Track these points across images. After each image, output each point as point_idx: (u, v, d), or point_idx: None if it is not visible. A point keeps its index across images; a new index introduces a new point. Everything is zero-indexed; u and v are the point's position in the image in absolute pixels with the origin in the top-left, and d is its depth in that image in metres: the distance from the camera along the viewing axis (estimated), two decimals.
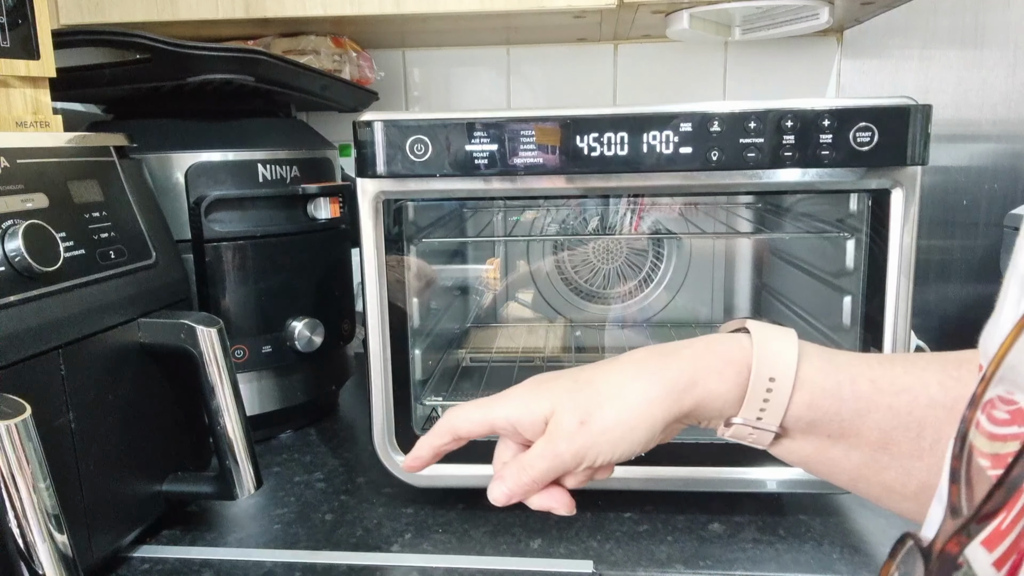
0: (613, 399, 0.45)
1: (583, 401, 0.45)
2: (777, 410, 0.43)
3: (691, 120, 0.62)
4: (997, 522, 0.24)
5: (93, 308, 0.59)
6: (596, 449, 0.44)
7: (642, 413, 0.44)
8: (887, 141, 0.61)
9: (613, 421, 0.44)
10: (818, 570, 0.62)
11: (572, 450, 0.45)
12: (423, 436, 0.51)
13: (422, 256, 0.84)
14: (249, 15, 0.94)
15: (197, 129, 0.84)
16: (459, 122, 0.64)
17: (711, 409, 0.45)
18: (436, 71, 1.24)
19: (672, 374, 0.45)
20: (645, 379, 0.45)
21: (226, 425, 0.65)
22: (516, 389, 0.49)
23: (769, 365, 0.43)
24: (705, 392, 0.44)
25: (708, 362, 0.45)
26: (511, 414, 0.47)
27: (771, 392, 0.43)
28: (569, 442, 0.44)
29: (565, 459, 0.45)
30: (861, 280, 0.67)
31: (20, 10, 0.62)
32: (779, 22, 1.00)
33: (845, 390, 0.43)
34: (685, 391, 0.44)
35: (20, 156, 0.57)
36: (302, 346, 0.87)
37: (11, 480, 0.46)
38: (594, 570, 0.63)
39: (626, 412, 0.44)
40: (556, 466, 0.45)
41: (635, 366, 0.46)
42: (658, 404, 0.44)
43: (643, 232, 1.02)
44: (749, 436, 0.45)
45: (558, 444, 0.45)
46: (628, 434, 0.44)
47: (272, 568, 0.64)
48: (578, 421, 0.45)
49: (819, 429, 0.44)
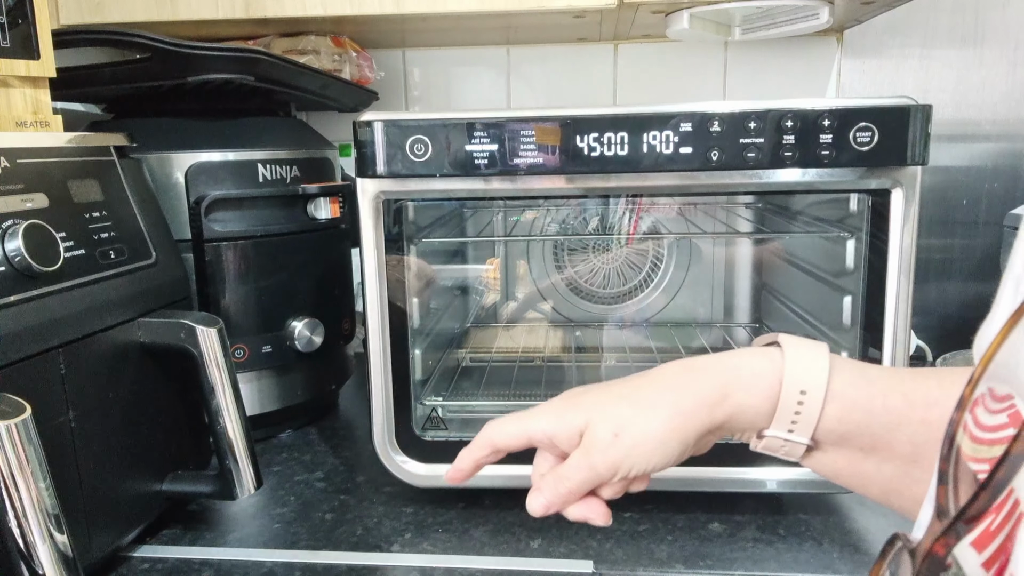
0: (646, 412, 0.46)
1: (616, 414, 0.46)
2: (808, 423, 0.44)
3: (691, 120, 0.62)
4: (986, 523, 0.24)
5: (93, 308, 0.59)
6: (630, 461, 0.45)
7: (674, 426, 0.45)
8: (887, 141, 0.61)
9: (645, 434, 0.45)
10: (818, 570, 0.62)
11: (607, 462, 0.46)
12: (464, 449, 0.52)
13: (422, 256, 0.84)
14: (249, 15, 0.94)
15: (197, 129, 0.84)
16: (459, 122, 0.64)
17: (743, 422, 0.46)
18: (436, 71, 1.24)
19: (704, 388, 0.46)
20: (677, 392, 0.46)
21: (226, 425, 0.65)
22: (552, 403, 0.50)
23: (800, 378, 0.44)
24: (736, 405, 0.45)
25: (739, 376, 0.45)
26: (547, 427, 0.48)
27: (802, 405, 0.44)
28: (603, 455, 0.45)
29: (600, 471, 0.46)
30: (861, 280, 0.67)
31: (20, 10, 0.62)
32: (779, 22, 1.00)
33: (877, 403, 0.43)
34: (716, 404, 0.45)
35: (20, 156, 0.57)
36: (302, 346, 0.87)
37: (11, 480, 0.46)
38: (594, 570, 0.63)
39: (658, 425, 0.45)
40: (591, 478, 0.46)
41: (667, 380, 0.47)
42: (690, 417, 0.45)
43: (642, 232, 1.02)
44: (781, 448, 0.45)
45: (593, 456, 0.46)
46: (660, 447, 0.45)
47: (272, 568, 0.64)
48: (612, 434, 0.46)
49: (850, 442, 0.44)
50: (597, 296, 1.09)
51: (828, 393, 0.43)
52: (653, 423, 0.45)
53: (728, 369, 0.46)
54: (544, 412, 0.49)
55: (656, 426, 0.45)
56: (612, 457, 0.45)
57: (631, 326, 1.08)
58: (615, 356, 1.01)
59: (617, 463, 0.46)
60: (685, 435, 0.45)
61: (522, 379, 0.93)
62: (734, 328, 1.08)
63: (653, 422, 0.45)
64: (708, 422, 0.45)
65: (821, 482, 0.69)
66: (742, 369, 0.46)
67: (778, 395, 0.44)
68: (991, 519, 0.24)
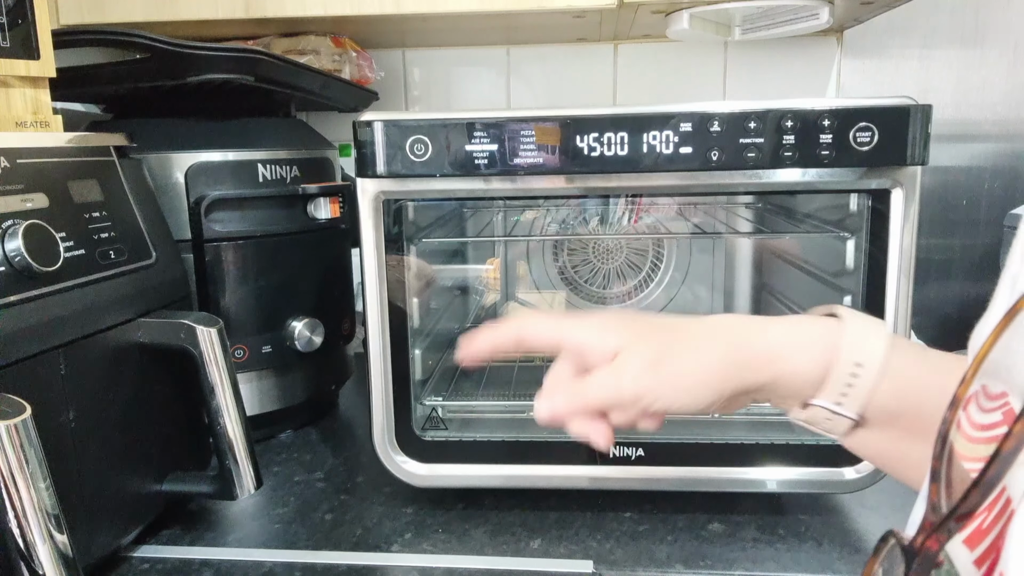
0: (690, 351, 0.44)
1: (658, 344, 0.45)
2: (859, 397, 0.42)
3: (691, 120, 0.62)
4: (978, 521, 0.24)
5: (93, 308, 0.59)
6: (658, 392, 0.44)
7: (714, 373, 0.43)
8: (887, 141, 0.61)
9: (683, 371, 0.44)
10: (818, 570, 0.62)
11: (635, 388, 0.44)
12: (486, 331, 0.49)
13: (422, 256, 0.84)
14: (249, 15, 0.94)
15: (197, 129, 0.84)
16: (459, 122, 0.64)
17: (789, 387, 0.44)
18: (436, 71, 1.24)
19: (756, 344, 0.44)
20: (727, 342, 0.44)
21: (226, 425, 0.65)
22: (593, 316, 0.48)
23: (857, 349, 0.42)
24: (786, 368, 0.43)
25: (795, 338, 0.44)
26: (583, 338, 0.46)
27: (856, 378, 0.42)
28: (635, 379, 0.44)
29: (625, 394, 0.44)
30: (861, 280, 0.67)
31: (20, 10, 0.62)
32: (779, 22, 1.00)
33: (933, 385, 0.42)
34: (765, 364, 0.43)
35: (20, 156, 0.57)
36: (302, 346, 0.87)
37: (11, 480, 0.46)
38: (594, 570, 0.63)
39: (699, 367, 0.44)
40: (613, 398, 0.44)
41: (720, 328, 0.46)
42: (733, 369, 0.43)
43: (642, 231, 1.02)
44: (825, 422, 0.43)
45: (623, 378, 0.44)
46: (694, 388, 0.44)
47: (272, 568, 0.64)
48: (649, 361, 0.44)
49: (900, 422, 0.43)
50: (597, 296, 1.09)
51: (885, 368, 0.42)
52: (694, 364, 0.44)
53: (785, 331, 0.44)
54: (584, 323, 0.47)
55: (696, 368, 0.44)
56: (643, 384, 0.44)
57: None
58: None
59: (644, 391, 0.44)
60: (722, 386, 0.44)
61: (522, 379, 0.93)
62: None
63: (694, 363, 0.44)
64: (751, 379, 0.44)
65: (821, 482, 0.69)
66: (799, 332, 0.44)
67: (831, 364, 0.42)
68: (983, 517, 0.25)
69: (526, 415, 0.80)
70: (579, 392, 0.45)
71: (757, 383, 0.44)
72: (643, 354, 0.44)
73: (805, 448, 0.69)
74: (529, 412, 0.80)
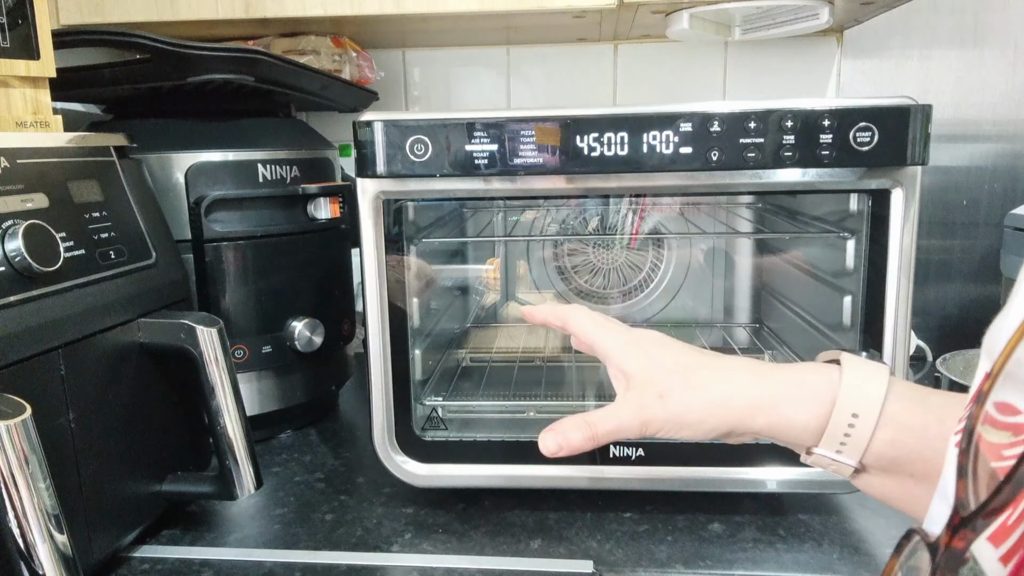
0: (696, 389, 0.48)
1: (669, 379, 0.48)
2: (857, 446, 0.44)
3: (691, 120, 0.62)
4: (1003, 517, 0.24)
5: (93, 308, 0.59)
6: (659, 424, 0.48)
7: (715, 412, 0.47)
8: (887, 141, 0.61)
9: (687, 408, 0.47)
10: (818, 570, 0.62)
11: (640, 419, 0.48)
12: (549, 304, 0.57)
13: (422, 256, 0.84)
14: (249, 15, 0.94)
15: (197, 129, 0.84)
16: (459, 122, 0.64)
17: (787, 435, 0.46)
18: (436, 71, 1.24)
19: (758, 391, 0.47)
20: (732, 386, 0.47)
21: (226, 425, 0.65)
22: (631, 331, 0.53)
23: (853, 401, 0.44)
24: (781, 417, 0.46)
25: (793, 390, 0.46)
26: (609, 349, 0.52)
27: (853, 428, 0.43)
28: (639, 411, 0.48)
29: (630, 428, 0.48)
30: (861, 280, 0.67)
31: (20, 10, 0.62)
32: (779, 22, 1.00)
33: (932, 430, 0.43)
34: (762, 411, 0.46)
35: (20, 156, 0.57)
36: (302, 346, 0.87)
37: (11, 480, 0.46)
38: (594, 570, 0.63)
39: (702, 406, 0.47)
40: (619, 431, 0.49)
41: (728, 373, 0.49)
42: (734, 412, 0.47)
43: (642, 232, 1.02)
44: (830, 466, 0.45)
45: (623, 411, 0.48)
46: (695, 424, 0.47)
47: (272, 568, 0.64)
48: (657, 394, 0.48)
49: (902, 468, 0.44)
50: (597, 296, 1.09)
51: (881, 418, 0.43)
52: (699, 402, 0.47)
53: (786, 380, 0.47)
54: (616, 334, 0.52)
55: (699, 406, 0.47)
56: (646, 415, 0.48)
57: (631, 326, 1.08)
58: None
59: (648, 422, 0.48)
60: (721, 425, 0.47)
61: (522, 379, 0.93)
62: (734, 328, 1.08)
63: (699, 401, 0.47)
64: (749, 423, 0.46)
65: (821, 482, 0.69)
66: (798, 384, 0.46)
67: (829, 415, 0.44)
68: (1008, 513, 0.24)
69: (526, 415, 0.80)
70: (586, 425, 0.49)
71: (753, 428, 0.47)
72: (653, 387, 0.48)
73: None
74: (529, 412, 0.80)
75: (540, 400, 0.82)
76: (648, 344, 0.52)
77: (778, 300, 0.99)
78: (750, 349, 1.02)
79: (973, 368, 0.82)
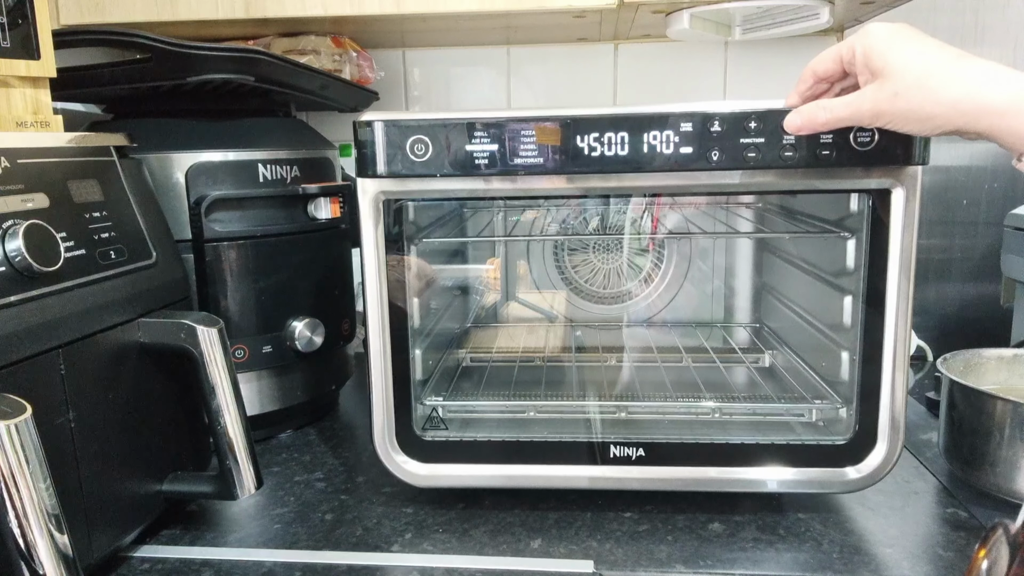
0: (927, 90, 0.51)
1: (905, 79, 0.52)
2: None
3: (691, 120, 0.62)
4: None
5: (93, 308, 0.59)
6: (889, 117, 0.53)
7: (942, 113, 0.51)
8: (887, 141, 0.61)
9: (918, 106, 0.52)
10: (818, 570, 0.62)
11: (873, 111, 0.54)
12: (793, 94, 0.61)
13: (422, 256, 0.84)
14: (249, 15, 0.94)
15: (197, 129, 0.84)
16: (459, 122, 0.64)
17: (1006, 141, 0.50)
18: (436, 71, 1.24)
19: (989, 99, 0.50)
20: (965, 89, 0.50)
21: (226, 425, 0.65)
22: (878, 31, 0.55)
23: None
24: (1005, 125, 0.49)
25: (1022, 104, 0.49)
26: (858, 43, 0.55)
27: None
28: (873, 105, 0.53)
29: (863, 117, 0.55)
30: (861, 280, 0.67)
31: (20, 10, 0.62)
32: (779, 22, 1.00)
33: None
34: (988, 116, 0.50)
35: (20, 156, 0.57)
36: (302, 346, 0.87)
37: (11, 480, 0.46)
38: (594, 570, 0.63)
39: (932, 105, 0.51)
40: (853, 117, 0.55)
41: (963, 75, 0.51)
42: (960, 115, 0.51)
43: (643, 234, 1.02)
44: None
45: (863, 103, 0.54)
46: (923, 120, 0.52)
47: (272, 568, 0.64)
48: (893, 92, 0.52)
49: None
50: (597, 296, 1.09)
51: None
52: (928, 102, 0.51)
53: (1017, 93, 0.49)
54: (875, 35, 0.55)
55: (929, 107, 0.51)
56: (880, 109, 0.53)
57: (631, 325, 1.08)
58: (615, 356, 1.01)
59: (880, 114, 0.53)
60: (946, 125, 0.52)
61: (522, 379, 0.93)
62: (734, 328, 1.08)
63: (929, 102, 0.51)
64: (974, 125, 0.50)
65: (821, 482, 0.69)
66: None
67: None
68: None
69: (526, 415, 0.80)
70: (825, 109, 0.56)
71: (976, 130, 0.51)
72: (892, 84, 0.53)
73: (805, 448, 0.69)
74: (529, 412, 0.80)
75: (540, 400, 0.82)
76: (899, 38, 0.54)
77: (778, 300, 0.99)
78: (750, 349, 1.02)
79: (973, 368, 0.82)
